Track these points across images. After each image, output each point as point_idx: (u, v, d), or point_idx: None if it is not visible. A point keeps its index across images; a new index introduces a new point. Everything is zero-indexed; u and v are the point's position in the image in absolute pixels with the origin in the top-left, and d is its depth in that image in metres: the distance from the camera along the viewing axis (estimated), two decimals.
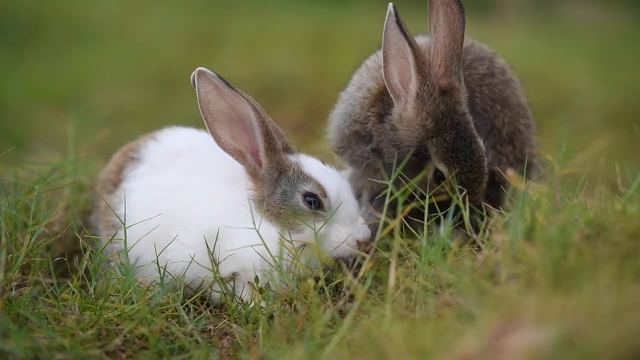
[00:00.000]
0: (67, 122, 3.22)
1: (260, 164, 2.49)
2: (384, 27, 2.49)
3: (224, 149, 2.49)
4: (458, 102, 2.52)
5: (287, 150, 2.56)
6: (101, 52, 7.65)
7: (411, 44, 2.46)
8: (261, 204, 2.46)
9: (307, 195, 2.45)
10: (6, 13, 8.22)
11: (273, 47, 7.72)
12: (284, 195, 2.46)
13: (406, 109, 2.53)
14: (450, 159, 2.48)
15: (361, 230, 2.46)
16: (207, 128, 2.48)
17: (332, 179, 2.49)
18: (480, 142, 2.54)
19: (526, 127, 2.80)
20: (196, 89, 2.46)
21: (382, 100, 2.60)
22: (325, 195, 2.44)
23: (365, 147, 2.68)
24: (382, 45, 2.50)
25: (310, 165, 2.52)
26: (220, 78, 2.45)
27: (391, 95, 2.56)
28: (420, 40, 2.78)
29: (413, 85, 2.51)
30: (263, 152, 2.48)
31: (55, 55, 7.51)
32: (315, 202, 2.44)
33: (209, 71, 2.45)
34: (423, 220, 2.44)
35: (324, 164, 2.57)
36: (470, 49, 2.75)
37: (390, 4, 2.48)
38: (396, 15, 2.47)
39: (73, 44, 7.82)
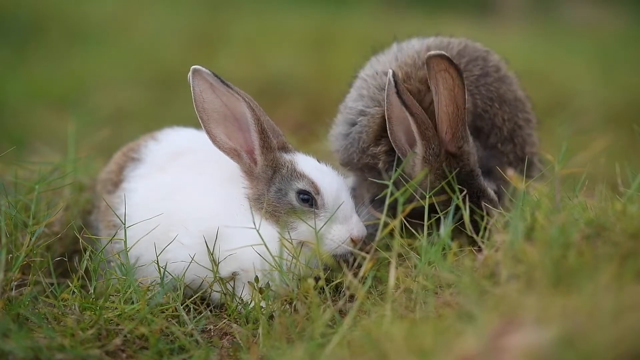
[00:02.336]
0: (67, 122, 3.22)
1: (255, 163, 2.48)
2: (385, 93, 2.49)
3: (220, 148, 2.48)
4: (466, 163, 2.54)
5: (284, 148, 2.55)
6: (101, 52, 7.64)
7: (412, 114, 2.46)
8: (257, 203, 2.46)
9: (300, 192, 2.44)
10: (6, 13, 8.21)
11: (273, 47, 7.71)
12: (279, 193, 2.45)
13: (414, 171, 2.55)
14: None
15: (355, 228, 2.45)
16: (202, 127, 2.48)
17: (326, 177, 2.48)
18: (491, 193, 2.56)
19: (526, 122, 2.81)
20: (191, 88, 2.45)
21: (386, 132, 2.58)
22: (318, 192, 2.43)
23: (379, 177, 2.68)
24: (385, 108, 2.51)
25: (305, 163, 2.50)
26: (216, 76, 2.43)
27: (398, 154, 2.58)
28: (417, 44, 2.77)
29: (419, 150, 2.52)
30: (258, 150, 2.47)
31: (55, 55, 7.50)
32: (309, 199, 2.44)
33: (203, 69, 2.44)
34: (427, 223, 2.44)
35: (319, 162, 2.55)
36: (464, 52, 2.75)
37: (390, 72, 2.47)
38: (396, 85, 2.45)
39: (73, 43, 7.81)
